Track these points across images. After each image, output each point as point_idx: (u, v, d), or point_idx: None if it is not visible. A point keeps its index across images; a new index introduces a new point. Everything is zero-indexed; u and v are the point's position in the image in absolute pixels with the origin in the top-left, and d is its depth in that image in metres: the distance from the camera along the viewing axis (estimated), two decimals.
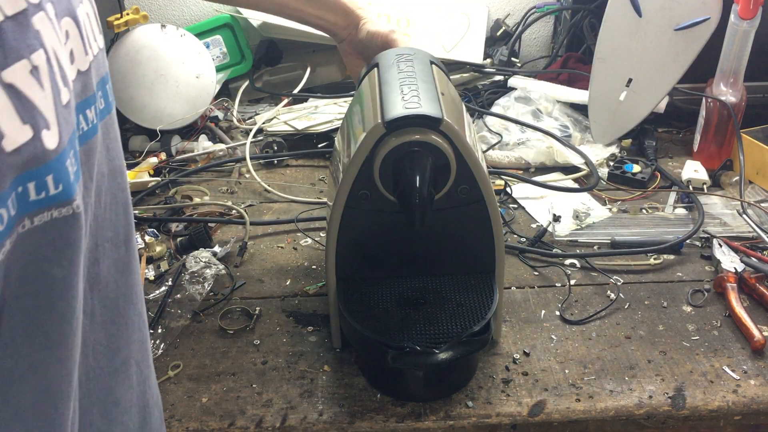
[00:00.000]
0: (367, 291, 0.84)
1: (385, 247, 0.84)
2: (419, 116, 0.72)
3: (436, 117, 0.72)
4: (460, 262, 0.86)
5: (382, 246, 0.84)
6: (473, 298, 0.83)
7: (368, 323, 0.80)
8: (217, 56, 1.51)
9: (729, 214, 1.18)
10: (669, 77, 1.31)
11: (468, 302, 0.83)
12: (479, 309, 0.82)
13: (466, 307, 0.82)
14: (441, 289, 0.85)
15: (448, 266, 0.86)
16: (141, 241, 1.07)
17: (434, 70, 0.86)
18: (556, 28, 1.71)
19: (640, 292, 1.01)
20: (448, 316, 0.80)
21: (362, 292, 0.84)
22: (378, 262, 0.85)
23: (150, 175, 1.26)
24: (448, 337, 0.77)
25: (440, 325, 0.80)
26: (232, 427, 0.80)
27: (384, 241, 0.83)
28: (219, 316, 0.96)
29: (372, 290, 0.85)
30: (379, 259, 0.85)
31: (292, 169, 1.35)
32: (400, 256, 0.85)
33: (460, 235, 0.84)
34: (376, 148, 0.74)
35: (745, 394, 0.84)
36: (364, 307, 0.82)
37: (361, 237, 0.82)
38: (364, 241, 0.83)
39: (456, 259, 0.86)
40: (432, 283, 0.86)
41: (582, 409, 0.82)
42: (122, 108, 1.34)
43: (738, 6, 1.21)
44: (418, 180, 0.72)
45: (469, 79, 1.62)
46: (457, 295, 0.84)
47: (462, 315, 0.81)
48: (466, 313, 0.81)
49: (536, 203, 1.22)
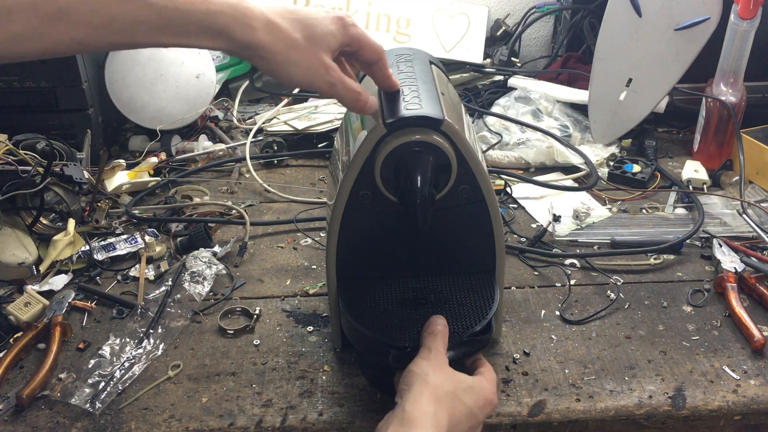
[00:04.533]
0: (367, 291, 0.84)
1: (385, 248, 0.84)
2: (420, 117, 0.72)
3: (438, 118, 0.72)
4: (461, 262, 0.86)
5: (382, 246, 0.84)
6: (474, 297, 0.83)
7: (369, 323, 0.79)
8: (217, 56, 1.51)
9: (729, 214, 1.18)
10: (669, 77, 1.31)
11: (469, 302, 0.82)
12: (480, 309, 0.81)
13: (468, 307, 0.81)
14: (442, 289, 0.85)
15: (449, 266, 0.86)
16: (141, 241, 1.07)
17: (434, 70, 0.86)
18: (556, 28, 1.71)
19: (640, 292, 1.01)
20: (450, 316, 0.80)
21: (363, 292, 0.84)
22: (379, 262, 0.85)
23: (150, 175, 1.26)
24: (450, 337, 0.77)
25: None
26: (232, 427, 0.80)
27: (384, 241, 0.83)
28: (219, 316, 0.96)
29: (373, 290, 0.84)
30: (379, 259, 0.85)
31: (292, 169, 1.35)
32: (401, 257, 0.85)
33: (461, 235, 0.83)
34: (377, 148, 0.74)
35: (745, 394, 0.84)
36: (365, 307, 0.82)
37: (361, 237, 0.82)
38: (365, 241, 0.83)
39: (457, 259, 0.86)
40: (433, 283, 0.86)
41: (582, 409, 0.82)
42: (122, 108, 1.34)
43: (738, 6, 1.21)
44: (420, 180, 0.72)
45: (469, 79, 1.62)
46: (458, 295, 0.83)
47: (463, 315, 0.81)
48: (467, 313, 0.81)
49: (536, 203, 1.22)
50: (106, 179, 1.19)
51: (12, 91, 1.25)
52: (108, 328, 0.94)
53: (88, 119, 1.28)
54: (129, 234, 1.10)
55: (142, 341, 0.90)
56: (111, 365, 0.87)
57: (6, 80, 1.24)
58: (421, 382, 0.69)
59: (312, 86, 0.69)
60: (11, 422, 0.79)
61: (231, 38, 0.64)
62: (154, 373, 0.87)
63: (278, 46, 0.66)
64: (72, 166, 1.10)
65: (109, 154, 1.29)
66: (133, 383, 0.85)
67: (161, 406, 0.82)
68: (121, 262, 1.07)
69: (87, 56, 1.28)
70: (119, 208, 1.19)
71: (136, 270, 1.04)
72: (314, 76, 0.68)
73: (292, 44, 0.66)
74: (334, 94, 0.70)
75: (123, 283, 1.02)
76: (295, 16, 0.67)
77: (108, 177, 1.19)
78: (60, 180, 1.08)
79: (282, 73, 0.67)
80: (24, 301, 0.94)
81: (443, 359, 0.73)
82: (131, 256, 1.07)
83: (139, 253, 1.07)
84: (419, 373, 0.70)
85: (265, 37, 0.65)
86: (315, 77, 0.68)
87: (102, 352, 0.88)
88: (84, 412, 0.80)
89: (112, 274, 1.04)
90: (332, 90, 0.70)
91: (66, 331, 0.91)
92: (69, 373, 0.86)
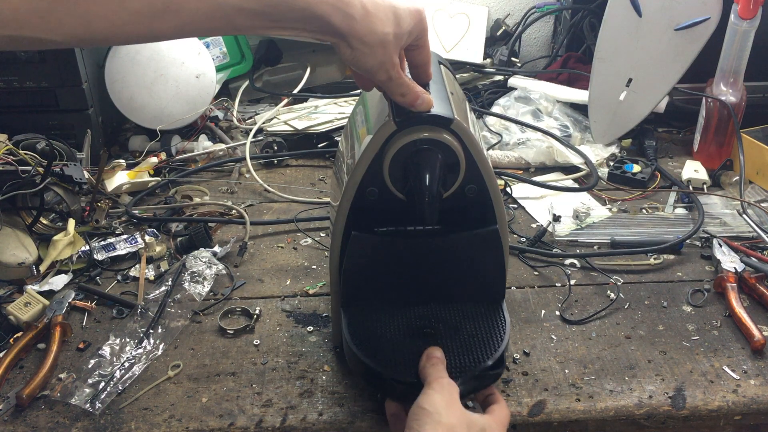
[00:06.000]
0: (374, 319, 0.81)
1: (391, 274, 0.82)
2: (431, 116, 0.72)
3: (448, 117, 0.72)
4: (470, 289, 0.84)
5: (388, 272, 0.81)
6: (484, 327, 0.80)
7: (376, 355, 0.76)
8: (217, 56, 1.51)
9: (729, 214, 1.18)
10: (669, 77, 1.31)
11: (480, 332, 0.80)
12: (491, 339, 0.78)
13: (478, 338, 0.79)
14: (450, 317, 0.82)
15: (458, 293, 0.84)
16: (141, 241, 1.07)
17: (442, 70, 0.86)
18: (556, 28, 1.71)
19: (640, 292, 1.01)
20: (460, 347, 0.77)
21: (369, 321, 0.81)
22: (384, 288, 0.83)
23: (150, 175, 1.26)
24: (461, 371, 0.74)
25: (452, 358, 0.76)
26: (232, 427, 0.80)
27: (390, 267, 0.81)
28: (219, 316, 0.96)
29: (379, 319, 0.81)
30: (385, 285, 0.82)
31: (292, 169, 1.35)
32: (407, 283, 0.83)
33: (470, 260, 0.81)
34: (386, 145, 0.74)
35: (745, 394, 0.84)
36: (371, 337, 0.79)
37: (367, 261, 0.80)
38: (370, 265, 0.80)
39: (466, 285, 0.83)
40: (441, 311, 0.83)
41: (582, 409, 0.82)
42: (122, 108, 1.34)
43: (738, 6, 1.21)
44: (428, 178, 0.72)
45: (469, 79, 1.62)
46: (468, 325, 0.81)
47: (474, 347, 0.77)
48: (478, 344, 0.78)
49: (536, 203, 1.22)
50: (106, 179, 1.19)
51: (12, 91, 1.25)
52: (108, 328, 0.94)
53: (88, 119, 1.28)
54: (129, 234, 1.10)
55: (142, 341, 0.90)
56: (111, 365, 0.87)
57: (6, 80, 1.24)
58: (433, 423, 0.65)
59: (373, 76, 0.69)
60: (11, 422, 0.79)
61: (328, 26, 0.63)
62: (154, 373, 0.87)
63: (371, 38, 0.65)
64: (72, 166, 1.10)
65: (109, 154, 1.29)
66: (133, 383, 0.85)
67: (161, 406, 0.82)
68: (121, 262, 1.07)
69: (87, 56, 1.28)
70: (119, 208, 1.19)
71: (136, 270, 1.04)
72: (381, 69, 0.68)
73: (383, 39, 0.65)
74: (387, 87, 0.70)
75: (123, 283, 1.02)
76: (387, 7, 0.66)
77: (108, 177, 1.19)
78: (60, 180, 1.08)
79: (360, 61, 0.67)
80: (24, 301, 0.94)
81: (454, 391, 0.70)
82: (131, 256, 1.07)
83: (139, 253, 1.07)
84: (432, 411, 0.66)
85: (362, 28, 0.64)
86: (381, 70, 0.68)
87: (102, 352, 0.88)
88: (84, 412, 0.80)
89: (112, 274, 1.04)
90: (388, 83, 0.69)
91: (66, 331, 0.91)
92: (69, 373, 0.86)
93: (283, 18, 0.62)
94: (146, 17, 0.57)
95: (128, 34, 0.58)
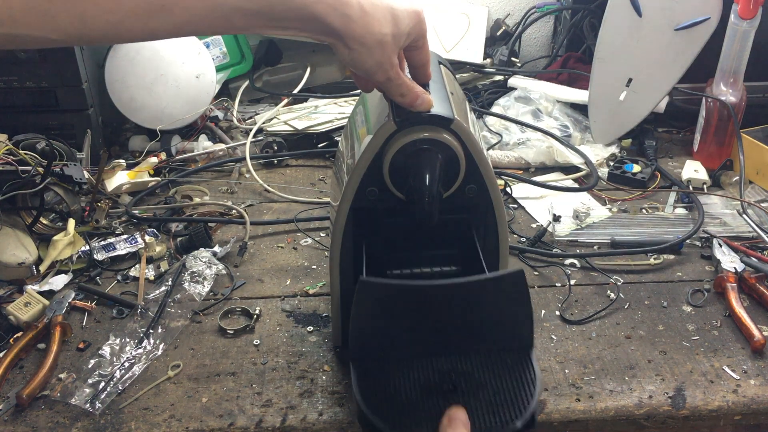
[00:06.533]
0: (387, 375, 0.72)
1: (406, 323, 0.73)
2: (431, 116, 0.72)
3: (448, 117, 0.72)
4: (494, 337, 0.74)
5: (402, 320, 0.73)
6: (512, 381, 0.71)
7: (391, 419, 0.67)
8: (217, 56, 1.51)
9: (729, 214, 1.18)
10: (669, 77, 1.31)
11: (507, 387, 0.70)
12: (520, 395, 0.69)
13: (506, 395, 0.69)
14: (473, 370, 0.72)
15: (481, 342, 0.75)
16: (141, 241, 1.07)
17: (442, 70, 0.86)
18: (556, 28, 1.71)
19: (640, 292, 1.01)
20: (485, 406, 0.68)
21: (382, 377, 0.72)
22: (398, 338, 0.74)
23: (150, 175, 1.26)
24: None
25: (476, 418, 0.67)
26: (232, 427, 0.80)
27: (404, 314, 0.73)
28: (219, 316, 0.96)
29: (393, 374, 0.72)
30: (399, 334, 0.74)
31: (292, 169, 1.35)
32: (424, 331, 0.74)
33: (494, 305, 0.73)
34: (386, 145, 0.74)
35: (745, 394, 0.84)
36: (384, 396, 0.69)
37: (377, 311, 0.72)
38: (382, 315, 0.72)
39: (489, 332, 0.74)
40: (463, 364, 0.73)
41: (582, 409, 0.82)
42: (122, 108, 1.34)
43: (738, 6, 1.21)
44: (428, 178, 0.72)
45: (469, 79, 1.62)
46: (493, 379, 0.71)
47: (501, 405, 0.68)
48: (505, 402, 0.68)
49: (536, 203, 1.22)
50: (106, 179, 1.19)
51: (12, 91, 1.25)
52: (108, 328, 0.94)
53: (88, 119, 1.28)
54: (129, 234, 1.10)
55: (142, 341, 0.90)
56: (111, 365, 0.87)
57: (6, 80, 1.24)
58: None
59: (372, 76, 0.69)
60: (11, 422, 0.79)
61: (325, 26, 0.63)
62: (154, 373, 0.87)
63: (369, 39, 0.65)
64: (72, 166, 1.10)
65: (109, 154, 1.29)
66: (133, 383, 0.85)
67: (161, 406, 0.82)
68: (121, 262, 1.07)
69: (87, 56, 1.28)
70: (119, 208, 1.19)
71: (136, 270, 1.04)
72: (379, 69, 0.68)
73: (381, 39, 0.65)
74: (386, 88, 0.70)
75: (123, 283, 1.02)
76: (384, 8, 0.66)
77: (108, 177, 1.19)
78: (60, 180, 1.08)
79: (357, 62, 0.67)
80: (24, 301, 0.94)
81: None
82: (131, 256, 1.07)
83: (139, 253, 1.07)
84: None
85: (359, 28, 0.64)
86: (379, 70, 0.68)
87: (102, 352, 0.88)
88: (84, 412, 0.80)
89: (112, 274, 1.04)
90: (387, 84, 0.69)
91: (66, 331, 0.91)
92: (69, 373, 0.86)
93: (280, 18, 0.62)
94: (143, 16, 0.57)
95: (125, 32, 0.58)
